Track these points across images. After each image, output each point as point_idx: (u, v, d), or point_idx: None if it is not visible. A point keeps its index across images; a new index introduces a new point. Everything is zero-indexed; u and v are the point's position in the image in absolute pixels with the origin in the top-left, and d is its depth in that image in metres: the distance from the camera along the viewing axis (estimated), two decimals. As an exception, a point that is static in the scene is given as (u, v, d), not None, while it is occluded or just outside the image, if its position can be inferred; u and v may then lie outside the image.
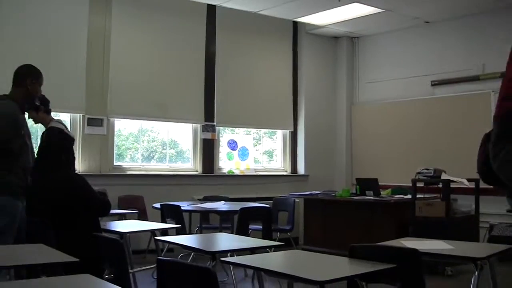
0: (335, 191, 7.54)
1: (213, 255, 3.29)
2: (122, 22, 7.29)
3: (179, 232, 5.18)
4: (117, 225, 4.76)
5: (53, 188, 3.71)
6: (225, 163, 8.42)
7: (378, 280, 2.85)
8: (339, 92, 9.46)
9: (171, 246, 5.95)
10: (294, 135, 9.13)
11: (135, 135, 7.86)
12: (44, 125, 4.43)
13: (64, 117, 6.72)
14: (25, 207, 3.72)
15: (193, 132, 8.09)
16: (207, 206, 6.28)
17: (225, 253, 3.66)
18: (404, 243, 3.36)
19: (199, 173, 8.04)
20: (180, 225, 5.23)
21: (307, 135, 9.05)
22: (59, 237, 3.43)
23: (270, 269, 2.77)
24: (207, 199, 7.27)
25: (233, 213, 5.99)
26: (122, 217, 6.19)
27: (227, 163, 8.45)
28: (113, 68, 7.17)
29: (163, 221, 5.94)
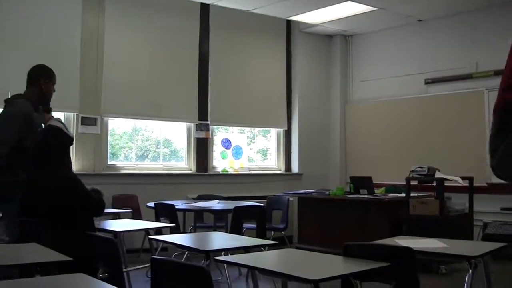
0: (329, 190, 7.54)
1: (207, 254, 3.29)
2: (115, 21, 7.27)
3: (173, 231, 5.16)
4: (111, 224, 4.74)
5: (52, 187, 3.68)
6: (219, 162, 8.41)
7: (372, 278, 2.85)
8: (333, 90, 9.46)
9: (165, 245, 5.94)
10: (288, 133, 9.13)
11: (129, 134, 7.84)
12: (43, 123, 4.40)
13: (57, 116, 6.66)
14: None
15: (187, 131, 8.08)
16: (201, 205, 6.26)
17: (219, 252, 3.66)
18: (398, 241, 3.36)
19: (193, 172, 8.03)
20: (174, 224, 5.24)
21: (301, 133, 9.05)
22: (56, 237, 3.41)
23: (264, 268, 2.77)
24: (201, 198, 7.25)
25: (227, 212, 5.98)
26: (116, 216, 6.16)
27: (221, 162, 8.45)
28: (107, 67, 7.16)
29: (157, 220, 5.93)
